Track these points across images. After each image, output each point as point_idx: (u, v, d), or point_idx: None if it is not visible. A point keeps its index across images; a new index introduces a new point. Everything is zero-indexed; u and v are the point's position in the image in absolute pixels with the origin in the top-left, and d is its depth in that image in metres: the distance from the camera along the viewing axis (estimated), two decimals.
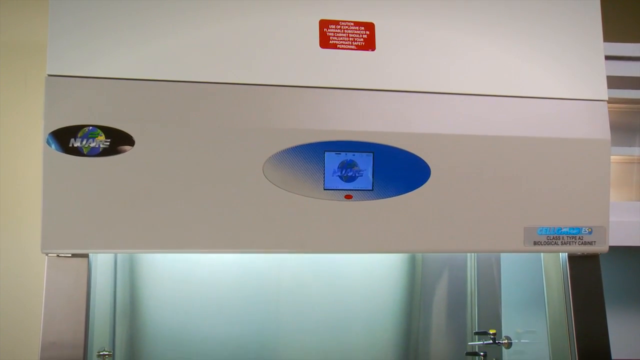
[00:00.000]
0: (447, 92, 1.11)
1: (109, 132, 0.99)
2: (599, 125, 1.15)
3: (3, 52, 1.59)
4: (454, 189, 1.09)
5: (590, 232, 1.14)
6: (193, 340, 1.40)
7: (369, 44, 1.10)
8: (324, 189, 1.06)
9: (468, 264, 1.55)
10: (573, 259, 1.18)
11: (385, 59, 1.10)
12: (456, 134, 1.10)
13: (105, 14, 1.02)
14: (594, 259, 1.19)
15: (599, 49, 1.16)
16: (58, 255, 1.00)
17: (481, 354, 1.45)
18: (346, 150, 1.06)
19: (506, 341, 1.41)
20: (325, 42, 1.08)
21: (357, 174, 1.07)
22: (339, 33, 1.09)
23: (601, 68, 1.16)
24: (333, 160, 1.06)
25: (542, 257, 1.25)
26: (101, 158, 0.99)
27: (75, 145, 0.98)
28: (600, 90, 1.16)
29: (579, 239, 1.14)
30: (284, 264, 1.47)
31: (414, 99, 1.09)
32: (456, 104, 1.11)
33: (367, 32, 1.10)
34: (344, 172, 1.06)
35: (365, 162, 1.07)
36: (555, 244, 1.13)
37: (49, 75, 0.98)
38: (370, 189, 1.07)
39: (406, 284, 1.52)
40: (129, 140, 0.99)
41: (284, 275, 1.47)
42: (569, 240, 1.13)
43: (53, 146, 0.97)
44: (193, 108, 1.02)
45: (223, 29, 1.05)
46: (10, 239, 1.52)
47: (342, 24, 1.10)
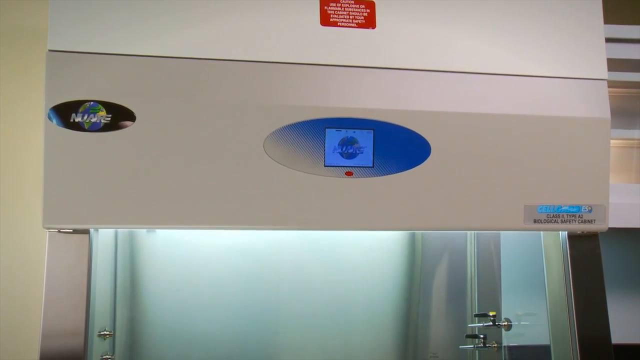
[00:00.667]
0: (447, 70, 1.11)
1: (110, 107, 0.99)
2: (598, 104, 1.15)
3: (3, 38, 1.59)
4: (454, 166, 1.10)
5: (590, 211, 1.14)
6: (193, 323, 1.41)
7: (369, 22, 1.10)
8: (325, 166, 1.06)
9: (468, 247, 1.55)
10: (573, 238, 1.18)
11: (385, 37, 1.10)
12: (456, 112, 1.10)
13: None
14: (593, 238, 1.19)
15: (599, 27, 1.16)
16: (59, 231, 1.00)
17: (481, 336, 1.45)
18: (347, 127, 1.07)
19: (506, 323, 1.42)
20: (326, 19, 1.09)
21: (357, 151, 1.07)
22: (339, 11, 1.09)
23: (601, 47, 1.16)
24: (333, 137, 1.06)
25: (542, 237, 1.25)
26: (102, 133, 0.99)
27: (77, 121, 0.98)
28: (600, 69, 1.16)
29: (578, 217, 1.14)
30: (284, 248, 1.47)
31: (415, 77, 1.10)
32: (456, 82, 1.11)
33: (368, 10, 1.10)
34: (344, 149, 1.06)
35: (365, 139, 1.07)
36: (555, 222, 1.13)
37: (50, 51, 0.98)
38: (371, 166, 1.07)
39: (406, 268, 1.53)
40: (130, 116, 1.00)
41: (284, 260, 1.47)
42: (568, 218, 1.14)
43: (54, 121, 0.97)
44: (194, 84, 1.02)
45: (224, 6, 1.05)
46: (11, 217, 1.52)
47: (343, 2, 1.10)
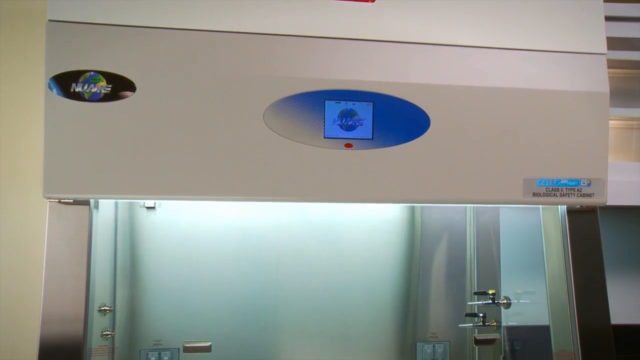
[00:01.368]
0: (447, 44, 1.11)
1: (110, 77, 0.99)
2: (597, 78, 1.15)
3: (3, 22, 1.59)
4: (453, 139, 1.10)
5: (588, 184, 1.15)
6: (193, 302, 1.41)
7: None
8: (324, 137, 1.06)
9: (468, 229, 1.56)
10: (572, 213, 1.19)
11: (384, 10, 1.10)
12: (456, 85, 1.10)
13: None
14: (592, 212, 1.19)
15: (598, 1, 1.16)
16: (59, 201, 1.01)
17: (480, 315, 1.45)
18: (346, 99, 1.07)
19: (505, 301, 1.42)
20: None
21: (357, 123, 1.07)
22: None
23: (600, 21, 1.16)
24: (333, 109, 1.06)
25: (540, 213, 1.25)
26: (102, 103, 0.99)
27: (77, 90, 0.98)
28: (599, 43, 1.16)
29: (577, 190, 1.14)
30: (284, 228, 1.48)
31: (414, 50, 1.10)
32: (456, 56, 1.11)
33: None
34: (344, 120, 1.07)
35: (365, 111, 1.07)
36: (554, 195, 1.13)
37: (50, 21, 0.98)
38: (370, 137, 1.08)
39: (405, 248, 1.53)
40: (130, 86, 1.00)
41: (284, 240, 1.47)
42: (567, 192, 1.14)
43: (54, 91, 0.97)
44: (194, 56, 1.03)
45: None
46: (12, 188, 1.52)
47: None
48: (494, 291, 1.42)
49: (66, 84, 0.98)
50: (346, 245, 1.50)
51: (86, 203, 1.03)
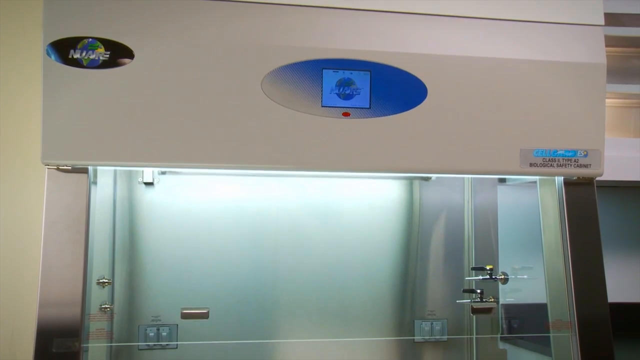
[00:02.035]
0: (444, 14, 1.12)
1: (108, 44, 1.00)
2: (595, 50, 1.15)
3: (2, 3, 1.59)
4: (450, 109, 1.10)
5: (585, 155, 1.15)
6: (191, 278, 1.41)
7: None
8: (322, 106, 1.07)
9: (465, 206, 1.56)
10: (568, 184, 1.19)
11: None
12: (453, 55, 1.10)
13: None
14: (589, 184, 1.20)
15: None
16: (58, 168, 1.01)
17: (478, 291, 1.46)
18: (344, 68, 1.07)
19: (502, 276, 1.42)
20: None
21: (354, 92, 1.08)
22: None
23: None
24: (331, 77, 1.07)
25: (537, 185, 1.26)
26: (101, 70, 0.99)
27: (75, 57, 0.98)
28: (596, 15, 1.16)
29: (574, 161, 1.15)
30: (282, 205, 1.48)
31: (412, 20, 1.10)
32: (453, 26, 1.11)
33: None
34: (341, 89, 1.07)
35: (362, 80, 1.08)
36: (551, 166, 1.14)
37: None
38: (368, 107, 1.08)
39: (403, 226, 1.53)
40: (128, 53, 1.00)
41: (282, 217, 1.48)
42: (564, 162, 1.14)
43: (52, 57, 0.98)
44: (193, 24, 1.03)
45: None
46: (11, 155, 1.51)
47: None
48: (491, 267, 1.43)
49: (64, 50, 0.98)
50: (344, 223, 1.51)
51: (84, 171, 1.03)
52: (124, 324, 1.39)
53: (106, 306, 1.30)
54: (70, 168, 1.01)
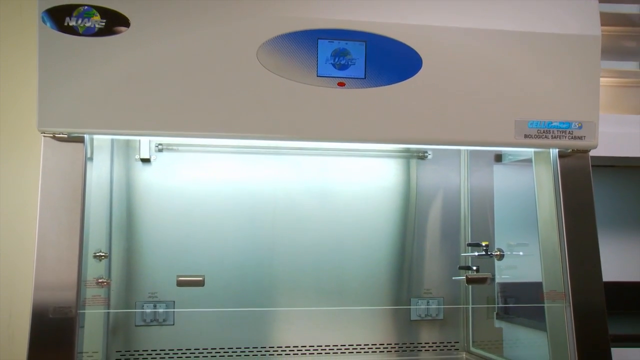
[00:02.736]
0: None
1: (104, 12, 1.00)
2: (590, 22, 1.16)
3: None
4: (445, 80, 1.11)
5: (580, 127, 1.15)
6: (188, 254, 1.42)
7: None
8: (317, 76, 1.07)
9: (461, 186, 1.57)
10: (563, 156, 1.19)
11: None
12: (448, 27, 1.11)
13: None
14: (583, 156, 1.20)
15: None
16: (54, 136, 1.01)
17: (474, 268, 1.46)
18: (339, 39, 1.08)
19: (498, 253, 1.43)
20: None
21: (349, 62, 1.08)
22: None
23: None
24: (326, 48, 1.07)
25: (532, 158, 1.26)
26: (97, 38, 1.00)
27: (71, 25, 0.99)
28: None
29: (569, 133, 1.15)
30: (279, 183, 1.48)
31: None
32: None
33: None
34: (336, 60, 1.07)
35: (357, 50, 1.08)
36: (546, 137, 1.14)
37: None
38: (363, 77, 1.08)
39: (400, 205, 1.54)
40: (124, 22, 1.01)
41: (279, 195, 1.48)
42: (559, 134, 1.15)
43: (48, 24, 0.98)
44: None
45: None
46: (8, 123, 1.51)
47: None
48: (487, 243, 1.43)
49: (60, 17, 0.98)
50: (341, 202, 1.51)
51: (81, 140, 1.03)
52: (121, 300, 1.40)
53: (103, 280, 1.31)
54: (66, 136, 1.01)
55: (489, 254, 1.42)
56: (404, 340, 1.52)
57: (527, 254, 1.41)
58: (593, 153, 1.23)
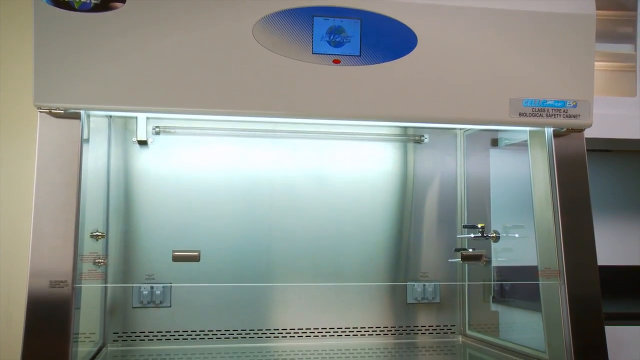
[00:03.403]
0: None
1: None
2: (584, 1, 1.16)
3: None
4: (440, 58, 1.11)
5: (574, 106, 1.16)
6: (185, 236, 1.42)
7: None
8: (313, 53, 1.07)
9: (458, 170, 1.57)
10: (558, 136, 1.20)
11: None
12: (443, 5, 1.11)
13: None
14: (578, 136, 1.20)
15: None
16: (50, 112, 1.02)
17: (470, 250, 1.47)
18: (334, 16, 1.08)
19: (494, 234, 1.43)
20: None
21: (345, 40, 1.08)
22: None
23: None
24: (321, 25, 1.08)
25: (528, 138, 1.26)
26: (92, 14, 1.00)
27: None
28: None
29: (563, 112, 1.16)
30: (276, 168, 1.49)
31: None
32: None
33: None
34: (332, 37, 1.08)
35: (353, 28, 1.09)
36: (540, 116, 1.15)
37: None
38: (358, 54, 1.09)
39: (397, 188, 1.54)
40: None
41: (276, 179, 1.49)
42: (553, 112, 1.15)
43: None
44: None
45: None
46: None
47: None
48: (483, 225, 1.44)
49: None
50: (338, 186, 1.51)
51: (77, 116, 1.03)
52: (118, 282, 1.40)
53: (100, 260, 1.31)
54: (62, 112, 1.02)
55: (485, 235, 1.43)
56: (401, 324, 1.52)
57: (522, 236, 1.42)
58: (588, 135, 1.24)
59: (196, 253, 1.18)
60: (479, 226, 1.43)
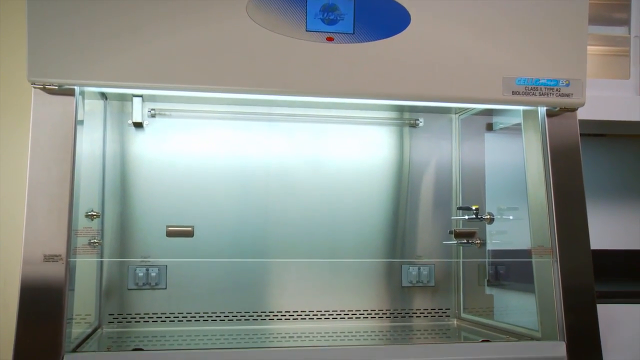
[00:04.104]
0: None
1: None
2: None
3: None
4: (433, 36, 1.12)
5: (567, 85, 1.16)
6: (181, 220, 1.42)
7: None
8: (306, 31, 1.08)
9: (453, 154, 1.58)
10: (551, 115, 1.20)
11: None
12: None
13: None
14: (571, 115, 1.21)
15: None
16: (44, 87, 1.02)
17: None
18: None
19: (489, 216, 1.44)
20: None
21: (338, 17, 1.09)
22: None
23: None
24: (315, 2, 1.08)
25: (522, 119, 1.27)
26: None
27: None
28: None
29: (556, 90, 1.16)
30: (272, 151, 1.49)
31: None
32: None
33: None
34: (325, 14, 1.08)
35: (346, 6, 1.09)
36: (533, 94, 1.15)
37: None
38: (352, 32, 1.09)
39: (393, 172, 1.55)
40: None
41: (272, 163, 1.49)
42: (547, 91, 1.16)
43: None
44: None
45: None
46: None
47: None
48: (477, 207, 1.44)
49: None
50: (334, 170, 1.52)
51: (71, 93, 1.04)
52: (113, 264, 1.41)
53: (95, 241, 1.32)
54: (56, 88, 1.02)
55: (479, 217, 1.43)
56: (396, 307, 1.53)
57: (517, 218, 1.42)
58: (582, 117, 1.24)
59: (190, 228, 1.19)
60: (473, 208, 1.44)
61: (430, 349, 1.15)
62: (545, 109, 1.20)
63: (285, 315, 1.48)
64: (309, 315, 1.49)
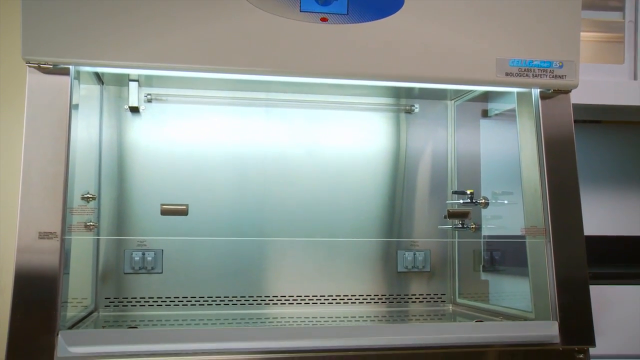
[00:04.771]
0: None
1: None
2: None
3: None
4: (427, 17, 1.12)
5: (561, 66, 1.17)
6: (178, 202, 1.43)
7: None
8: (300, 11, 1.08)
9: (449, 140, 1.58)
10: (545, 98, 1.21)
11: None
12: None
13: None
14: (565, 97, 1.21)
15: None
16: (39, 66, 1.02)
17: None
18: None
19: (483, 201, 1.44)
20: None
21: None
22: None
23: None
24: None
25: (515, 102, 1.27)
26: None
27: None
28: None
29: (550, 72, 1.17)
30: (270, 137, 1.49)
31: None
32: None
33: None
34: None
35: None
36: (527, 76, 1.16)
37: None
38: (345, 13, 1.10)
39: (389, 158, 1.55)
40: None
41: (270, 149, 1.49)
42: (540, 73, 1.16)
43: None
44: None
45: None
46: None
47: None
48: (472, 190, 1.45)
49: None
50: (331, 156, 1.53)
51: (66, 72, 1.04)
52: (110, 248, 1.41)
53: (92, 224, 1.32)
54: (51, 67, 1.03)
55: (474, 202, 1.44)
56: (392, 292, 1.54)
57: (511, 202, 1.43)
58: (577, 101, 1.25)
59: (184, 206, 1.19)
60: (468, 192, 1.44)
61: (425, 328, 1.15)
62: (539, 91, 1.20)
63: (281, 300, 1.48)
64: (304, 300, 1.49)
